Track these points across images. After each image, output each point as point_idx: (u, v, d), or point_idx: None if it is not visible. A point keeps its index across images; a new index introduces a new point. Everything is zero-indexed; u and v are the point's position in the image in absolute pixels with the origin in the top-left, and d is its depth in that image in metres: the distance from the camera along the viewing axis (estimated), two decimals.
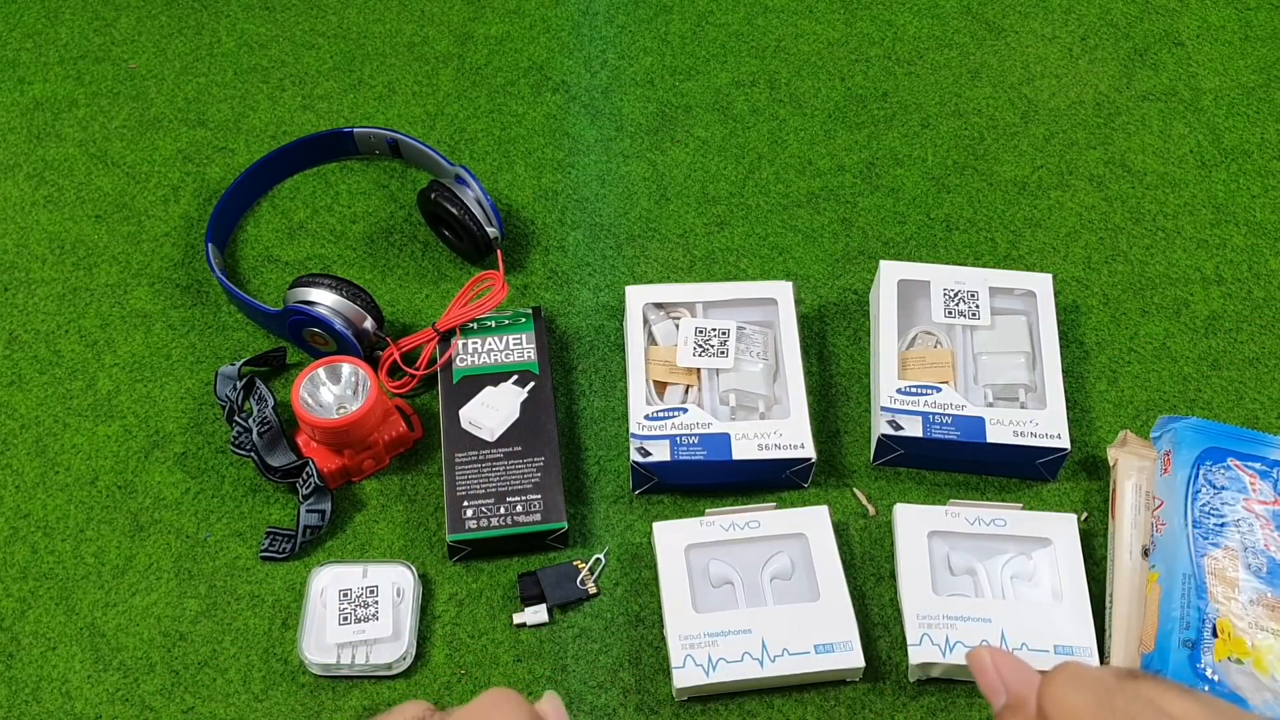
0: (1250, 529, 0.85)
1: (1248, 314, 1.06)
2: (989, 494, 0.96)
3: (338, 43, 1.25)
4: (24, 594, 0.91)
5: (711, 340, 0.97)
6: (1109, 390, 1.01)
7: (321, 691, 0.86)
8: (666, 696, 0.86)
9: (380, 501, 0.95)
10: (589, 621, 0.90)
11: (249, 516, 0.94)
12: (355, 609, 0.87)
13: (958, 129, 1.18)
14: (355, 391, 0.94)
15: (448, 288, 1.07)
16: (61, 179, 1.14)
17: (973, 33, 1.26)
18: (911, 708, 0.86)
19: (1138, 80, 1.22)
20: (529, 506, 0.91)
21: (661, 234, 1.11)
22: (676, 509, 0.95)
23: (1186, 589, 0.82)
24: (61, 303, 1.06)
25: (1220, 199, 1.13)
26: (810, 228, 1.11)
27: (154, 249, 1.09)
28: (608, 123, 1.19)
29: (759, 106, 1.20)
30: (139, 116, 1.19)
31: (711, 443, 0.92)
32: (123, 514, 0.95)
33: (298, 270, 1.08)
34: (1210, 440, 0.90)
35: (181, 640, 0.89)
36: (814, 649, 0.85)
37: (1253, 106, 1.20)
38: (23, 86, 1.22)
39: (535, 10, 1.28)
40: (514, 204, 1.13)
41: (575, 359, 1.03)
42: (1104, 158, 1.16)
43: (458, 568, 0.92)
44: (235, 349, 1.03)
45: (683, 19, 1.27)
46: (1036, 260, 1.09)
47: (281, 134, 1.17)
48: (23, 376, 1.02)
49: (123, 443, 0.98)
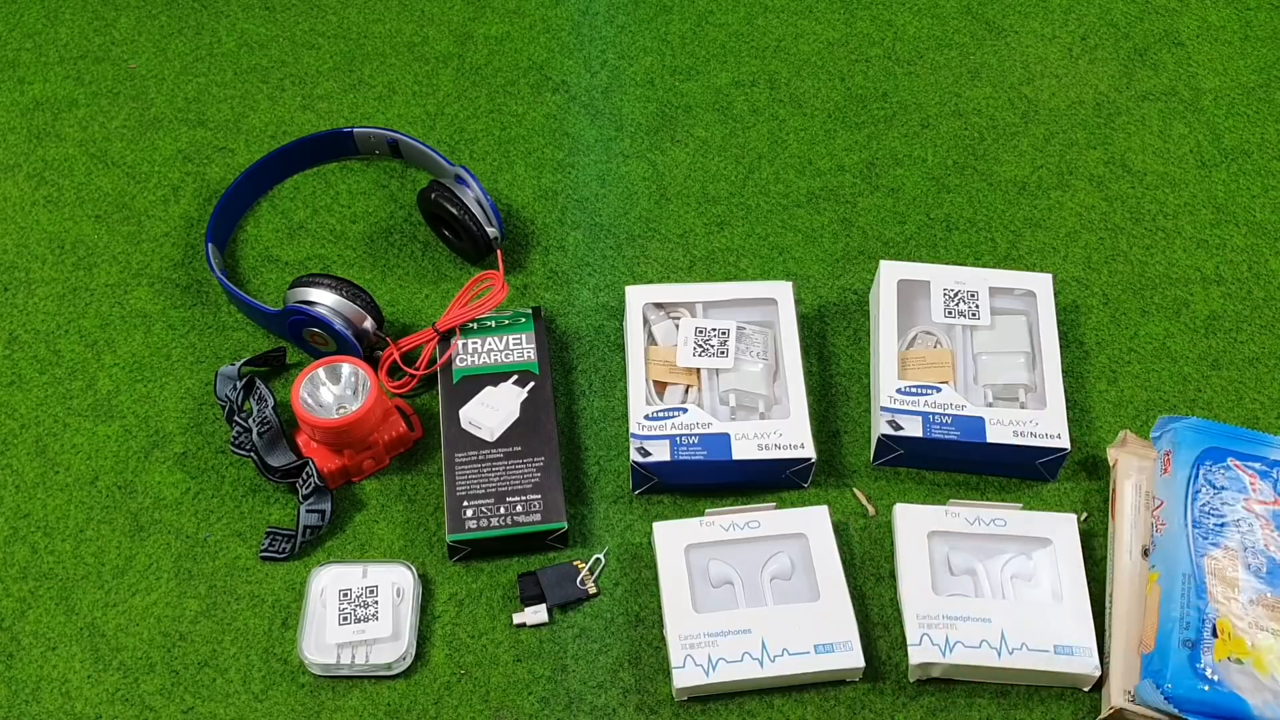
0: (1250, 529, 0.85)
1: (1248, 314, 1.06)
2: (989, 494, 0.96)
3: (338, 43, 1.25)
4: (24, 594, 0.91)
5: (711, 340, 0.97)
6: (1109, 390, 1.01)
7: (321, 691, 0.86)
8: (666, 696, 0.86)
9: (380, 501, 0.95)
10: (589, 621, 0.90)
11: (249, 516, 0.94)
12: (355, 609, 0.87)
13: (958, 129, 1.18)
14: (355, 391, 0.94)
15: (448, 288, 1.07)
16: (61, 179, 1.14)
17: (973, 33, 1.26)
18: (911, 708, 0.86)
19: (1138, 80, 1.22)
20: (529, 506, 0.91)
21: (661, 234, 1.11)
22: (676, 509, 0.95)
23: (1186, 589, 0.82)
24: (61, 303, 1.06)
25: (1220, 199, 1.13)
26: (810, 228, 1.11)
27: (154, 249, 1.09)
28: (608, 123, 1.19)
29: (759, 106, 1.20)
30: (139, 116, 1.19)
31: (711, 443, 0.92)
32: (123, 514, 0.95)
33: (298, 270, 1.08)
34: (1210, 440, 0.90)
35: (181, 640, 0.89)
36: (814, 649, 0.85)
37: (1253, 106, 1.20)
38: (23, 86, 1.22)
39: (535, 10, 1.28)
40: (514, 204, 1.13)
41: (575, 359, 1.03)
42: (1104, 158, 1.16)
43: (458, 568, 0.92)
44: (235, 349, 1.03)
45: (683, 19, 1.27)
46: (1036, 260, 1.09)
47: (281, 134, 1.17)
48: (23, 376, 1.02)
49: (123, 443, 0.98)
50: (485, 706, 0.86)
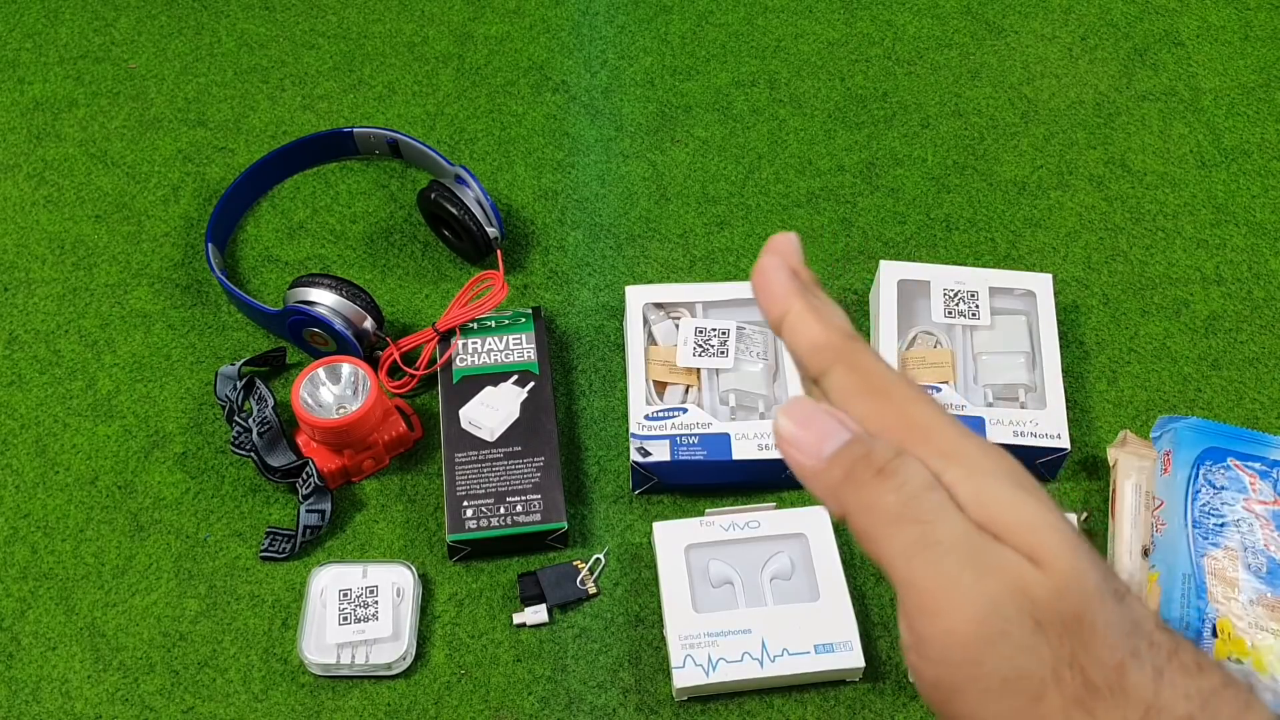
0: (1250, 529, 0.85)
1: (1248, 314, 1.06)
2: None
3: (338, 43, 1.25)
4: (24, 594, 0.91)
5: (711, 340, 0.97)
6: (1109, 390, 1.01)
7: (321, 691, 0.86)
8: (666, 696, 0.86)
9: (380, 501, 0.95)
10: (589, 621, 0.90)
11: (249, 516, 0.94)
12: (355, 609, 0.87)
13: (958, 129, 1.18)
14: (355, 391, 0.94)
15: (448, 288, 1.07)
16: (61, 179, 1.14)
17: (973, 33, 1.26)
18: (911, 707, 0.86)
19: (1138, 80, 1.22)
20: (529, 506, 0.91)
21: (661, 234, 1.11)
22: (676, 509, 0.95)
23: (1186, 589, 0.83)
24: (61, 303, 1.06)
25: (1220, 199, 1.13)
26: (810, 228, 1.11)
27: (154, 249, 1.09)
28: (608, 123, 1.19)
29: (759, 106, 1.20)
30: (139, 116, 1.19)
31: (711, 443, 0.92)
32: (123, 514, 0.95)
33: (298, 270, 1.08)
34: (1210, 440, 0.90)
35: (181, 640, 0.89)
36: (814, 649, 0.85)
37: (1253, 106, 1.20)
38: (23, 86, 1.22)
39: (535, 10, 1.28)
40: (514, 204, 1.13)
41: (575, 359, 1.03)
42: (1104, 158, 1.16)
43: (458, 568, 0.92)
44: (235, 349, 1.03)
45: (683, 19, 1.27)
46: (1036, 260, 1.09)
47: (281, 134, 1.17)
48: (23, 376, 1.02)
49: (123, 443, 0.98)
50: (485, 706, 0.86)
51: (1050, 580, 0.34)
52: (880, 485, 0.35)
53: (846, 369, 0.38)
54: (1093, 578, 0.34)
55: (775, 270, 0.40)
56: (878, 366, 0.38)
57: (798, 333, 0.39)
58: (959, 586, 0.34)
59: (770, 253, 0.41)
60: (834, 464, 0.36)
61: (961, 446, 0.36)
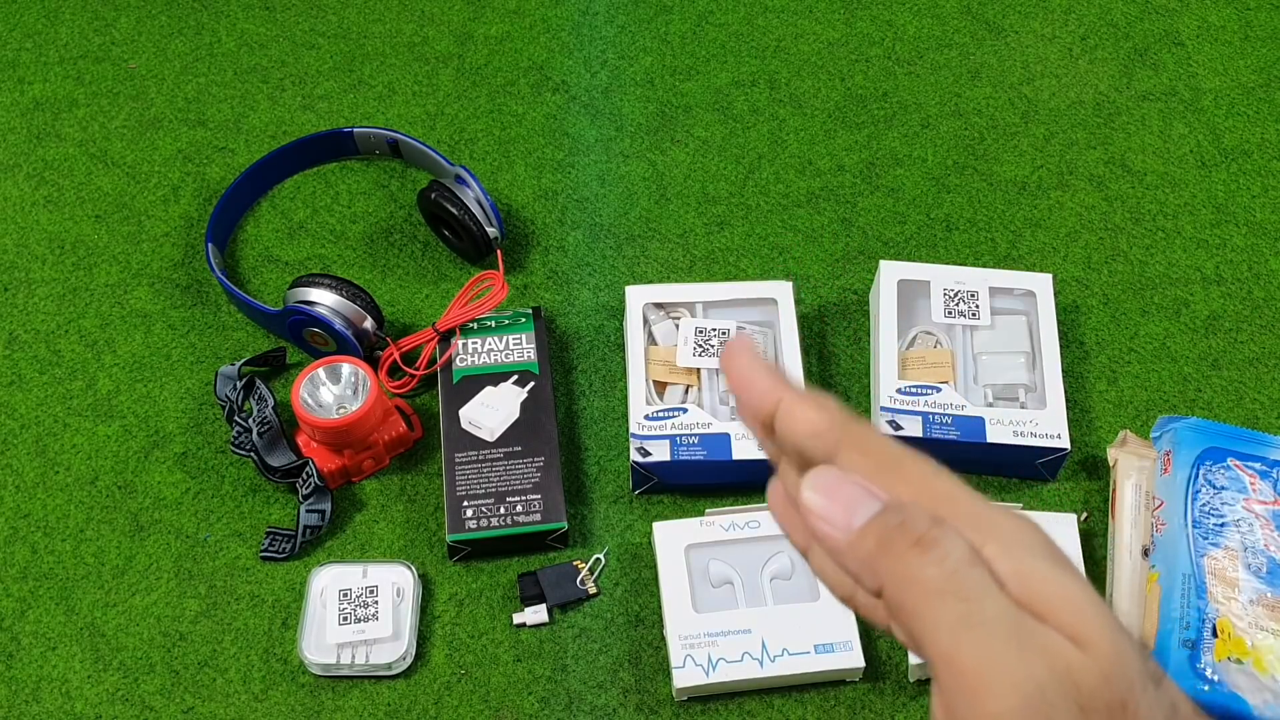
0: (1250, 529, 0.85)
1: (1248, 314, 1.06)
2: (989, 494, 0.96)
3: (338, 43, 1.25)
4: (24, 594, 0.91)
5: (711, 340, 0.97)
6: (1109, 390, 1.01)
7: (321, 691, 0.86)
8: (666, 696, 0.86)
9: (380, 501, 0.95)
10: (589, 621, 0.90)
11: (249, 516, 0.94)
12: (355, 609, 0.87)
13: (958, 129, 1.18)
14: (355, 391, 0.94)
15: (448, 288, 1.07)
16: (61, 179, 1.14)
17: (973, 33, 1.26)
18: (911, 708, 0.86)
19: (1138, 80, 1.22)
20: (529, 506, 0.91)
21: (661, 234, 1.11)
22: (676, 509, 0.95)
23: (1186, 589, 0.83)
24: (61, 303, 1.06)
25: (1220, 199, 1.13)
26: (810, 228, 1.11)
27: (154, 249, 1.09)
28: (608, 123, 1.19)
29: (759, 106, 1.20)
30: (139, 116, 1.19)
31: (711, 443, 0.92)
32: (123, 514, 0.95)
33: (298, 270, 1.08)
34: (1210, 440, 0.90)
35: (181, 640, 0.89)
36: (814, 649, 0.85)
37: (1253, 106, 1.20)
38: (23, 86, 1.22)
39: (535, 10, 1.28)
40: (514, 204, 1.13)
41: (575, 359, 1.03)
42: (1104, 158, 1.16)
43: (458, 568, 0.92)
44: (235, 349, 1.03)
45: (683, 19, 1.27)
46: (1036, 260, 1.09)
47: (281, 134, 1.17)
48: (23, 376, 1.02)
49: (123, 443, 0.98)
50: (485, 706, 0.86)
51: (1095, 665, 0.33)
52: (921, 557, 0.34)
53: (856, 451, 0.37)
54: (1135, 662, 0.33)
55: (752, 366, 0.38)
56: (886, 444, 0.37)
57: (795, 420, 0.37)
58: (1003, 668, 0.33)
59: (737, 354, 0.39)
60: (866, 534, 0.35)
61: (993, 519, 0.35)
